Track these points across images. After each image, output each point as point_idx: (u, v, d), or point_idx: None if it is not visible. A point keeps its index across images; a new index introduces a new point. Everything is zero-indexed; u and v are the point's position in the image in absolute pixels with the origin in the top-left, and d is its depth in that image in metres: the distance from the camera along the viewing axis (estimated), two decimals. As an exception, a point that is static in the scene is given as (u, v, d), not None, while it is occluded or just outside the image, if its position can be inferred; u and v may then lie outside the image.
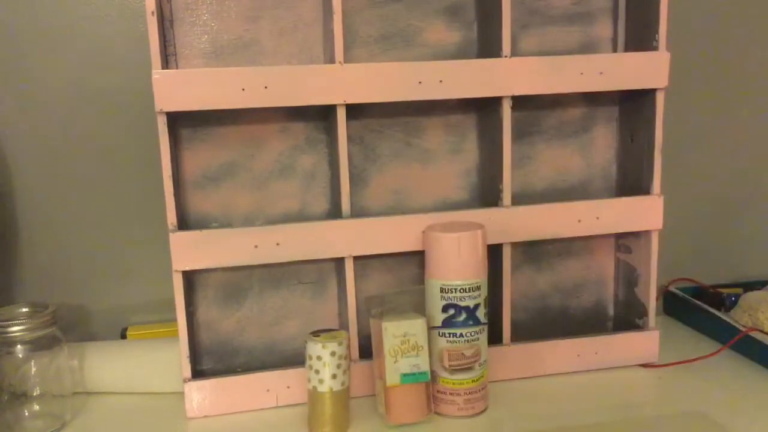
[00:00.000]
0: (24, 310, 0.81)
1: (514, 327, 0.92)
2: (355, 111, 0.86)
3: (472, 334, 0.78)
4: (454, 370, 0.79)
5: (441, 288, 0.78)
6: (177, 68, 0.82)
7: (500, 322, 0.88)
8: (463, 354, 0.78)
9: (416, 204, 0.90)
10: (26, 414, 0.79)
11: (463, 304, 0.78)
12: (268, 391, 0.83)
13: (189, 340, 0.81)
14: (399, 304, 0.79)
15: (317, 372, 0.74)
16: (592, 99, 0.92)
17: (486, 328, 0.80)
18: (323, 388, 0.74)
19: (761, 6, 1.09)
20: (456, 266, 0.77)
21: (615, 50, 0.92)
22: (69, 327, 0.96)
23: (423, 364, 0.77)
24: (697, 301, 1.03)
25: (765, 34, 1.10)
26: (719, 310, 1.02)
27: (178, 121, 0.83)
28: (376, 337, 0.79)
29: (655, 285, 0.90)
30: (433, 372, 0.79)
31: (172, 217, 0.78)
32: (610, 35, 0.92)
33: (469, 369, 0.79)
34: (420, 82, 0.81)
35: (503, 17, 0.81)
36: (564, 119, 0.92)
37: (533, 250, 0.94)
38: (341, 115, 0.80)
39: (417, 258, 0.90)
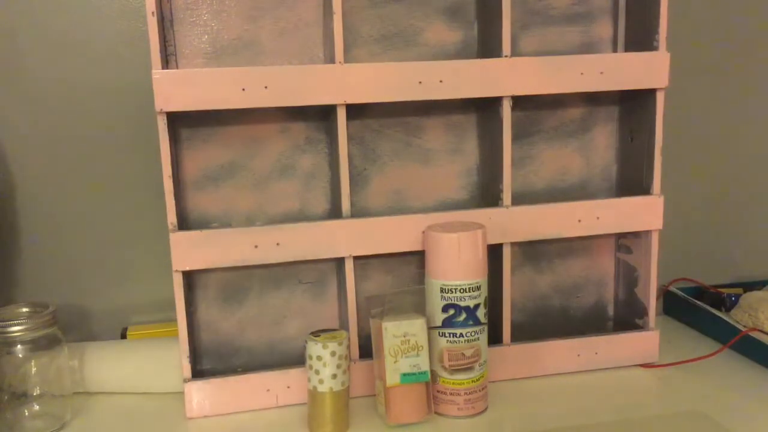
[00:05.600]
0: (24, 310, 0.80)
1: (514, 327, 0.92)
2: (355, 111, 0.86)
3: (472, 334, 0.78)
4: (454, 370, 0.79)
5: (441, 288, 0.78)
6: (177, 68, 0.82)
7: (500, 322, 0.88)
8: (463, 354, 0.78)
9: (416, 204, 0.90)
10: (26, 414, 0.79)
11: (463, 304, 0.78)
12: (268, 391, 0.83)
13: (189, 340, 0.81)
14: (399, 304, 0.79)
15: (317, 372, 0.74)
16: (592, 99, 0.92)
17: (486, 328, 0.80)
18: (323, 388, 0.74)
19: (761, 6, 1.09)
20: (456, 266, 0.77)
21: (615, 50, 0.92)
22: (69, 327, 0.96)
23: (423, 364, 0.77)
24: (697, 301, 1.03)
25: (765, 34, 1.10)
26: (719, 310, 1.02)
27: (178, 121, 0.83)
28: (376, 337, 0.79)
29: (655, 285, 0.90)
30: (433, 372, 0.79)
31: (172, 217, 0.78)
32: (610, 35, 0.92)
33: (469, 369, 0.79)
34: (420, 82, 0.81)
35: (503, 17, 0.81)
36: (564, 119, 0.92)
37: (533, 250, 0.94)
38: (341, 115, 0.80)
39: (417, 258, 0.90)
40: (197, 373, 0.85)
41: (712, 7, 1.07)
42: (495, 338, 0.88)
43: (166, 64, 0.81)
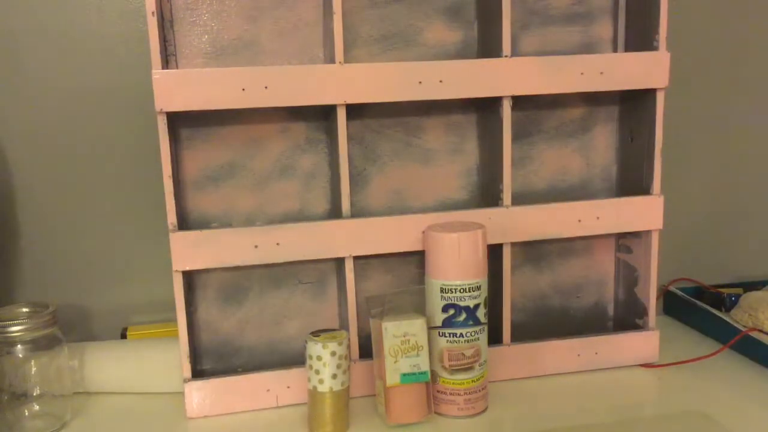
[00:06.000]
0: (24, 310, 0.80)
1: (514, 327, 0.92)
2: (355, 111, 0.86)
3: (472, 334, 0.78)
4: (454, 370, 0.79)
5: (441, 288, 0.78)
6: (177, 68, 0.82)
7: (500, 322, 0.88)
8: (463, 354, 0.78)
9: (416, 204, 0.90)
10: (26, 414, 0.79)
11: (463, 304, 0.78)
12: (268, 391, 0.83)
13: (189, 340, 0.81)
14: (399, 304, 0.79)
15: (317, 372, 0.74)
16: (592, 99, 0.92)
17: (486, 328, 0.80)
18: (323, 388, 0.74)
19: (761, 6, 1.09)
20: (456, 266, 0.77)
21: (615, 50, 0.92)
22: (69, 327, 0.96)
23: (423, 364, 0.77)
24: (697, 301, 1.03)
25: (765, 34, 1.10)
26: (719, 310, 1.02)
27: (178, 121, 0.83)
28: (376, 337, 0.79)
29: (655, 285, 0.90)
30: (433, 372, 0.79)
31: (172, 217, 0.78)
32: (610, 35, 0.92)
33: (469, 369, 0.79)
34: (420, 82, 0.81)
35: (503, 17, 0.81)
36: (564, 119, 0.92)
37: (533, 250, 0.94)
38: (341, 115, 0.80)
39: (417, 258, 0.90)
40: (197, 373, 0.85)
41: (712, 7, 1.07)
42: (495, 338, 0.88)
43: (166, 64, 0.81)
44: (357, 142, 0.87)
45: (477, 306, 0.78)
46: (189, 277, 0.84)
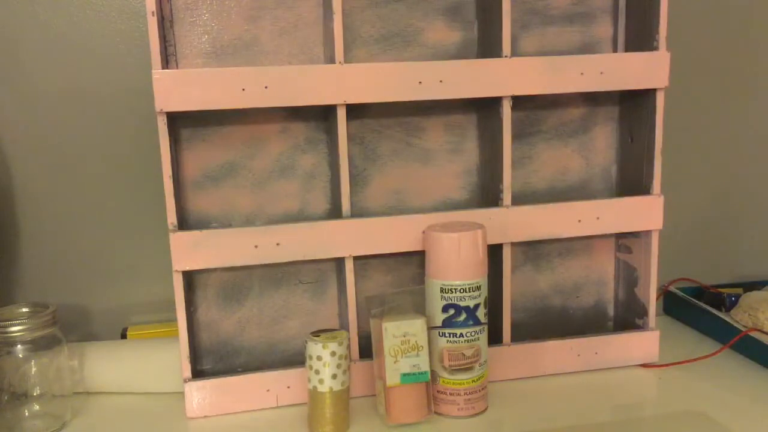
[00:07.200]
0: (24, 310, 0.81)
1: (514, 327, 0.92)
2: (355, 111, 0.86)
3: (472, 334, 0.78)
4: (454, 370, 0.79)
5: (441, 288, 0.78)
6: (177, 68, 0.82)
7: (500, 322, 0.88)
8: (463, 354, 0.78)
9: (416, 204, 0.90)
10: (26, 414, 0.79)
11: (463, 304, 0.78)
12: (268, 391, 0.83)
13: (189, 340, 0.81)
14: (399, 304, 0.79)
15: (317, 372, 0.74)
16: (592, 99, 0.92)
17: (486, 328, 0.80)
18: (323, 388, 0.74)
19: (761, 6, 1.09)
20: (456, 266, 0.77)
21: (615, 50, 0.92)
22: (69, 327, 0.96)
23: (423, 364, 0.77)
24: (697, 301, 1.03)
25: (765, 33, 1.10)
26: (719, 310, 1.02)
27: (178, 121, 0.83)
28: (376, 337, 0.79)
29: (655, 285, 0.90)
30: (433, 372, 0.79)
31: (172, 217, 0.78)
32: (610, 35, 0.92)
33: (469, 369, 0.79)
34: (420, 82, 0.81)
35: (503, 17, 0.81)
36: (564, 119, 0.92)
37: (533, 250, 0.94)
38: (341, 115, 0.80)
39: (417, 258, 0.90)
40: (197, 373, 0.85)
41: (712, 7, 1.07)
42: (495, 338, 0.88)
43: (166, 64, 0.81)
44: (357, 142, 0.87)
45: (477, 306, 0.78)
46: (189, 277, 0.84)
